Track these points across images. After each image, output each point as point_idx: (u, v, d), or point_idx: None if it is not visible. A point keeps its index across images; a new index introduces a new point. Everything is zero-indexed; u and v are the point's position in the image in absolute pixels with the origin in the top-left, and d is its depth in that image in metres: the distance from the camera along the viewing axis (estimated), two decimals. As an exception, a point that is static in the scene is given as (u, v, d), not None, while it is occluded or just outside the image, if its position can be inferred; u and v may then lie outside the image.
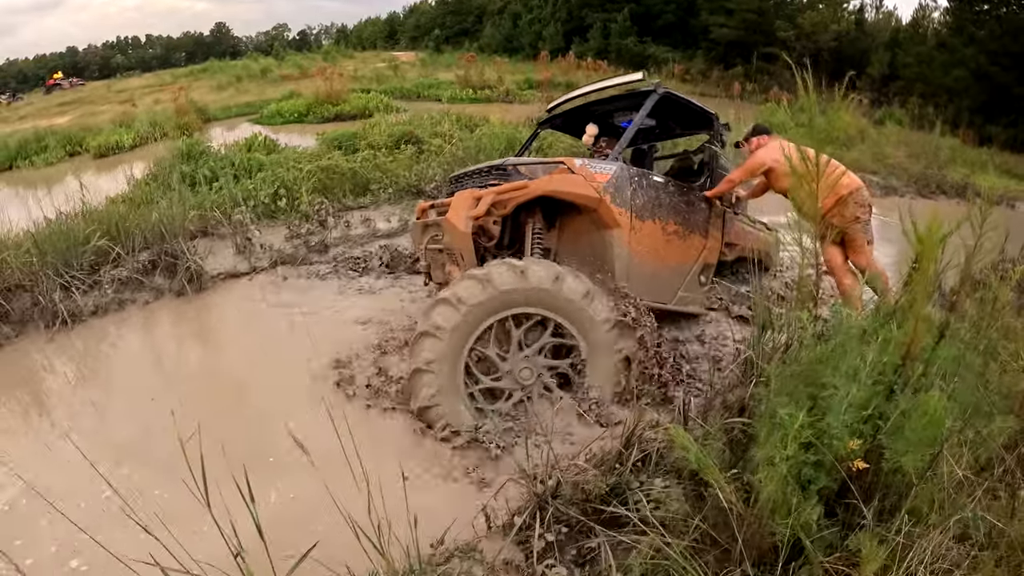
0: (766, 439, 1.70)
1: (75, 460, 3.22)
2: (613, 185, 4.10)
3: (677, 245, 4.54)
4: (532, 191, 3.92)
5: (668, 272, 4.50)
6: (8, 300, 4.97)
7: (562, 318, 3.56)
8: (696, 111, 5.09)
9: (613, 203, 4.07)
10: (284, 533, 2.01)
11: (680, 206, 4.58)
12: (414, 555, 1.87)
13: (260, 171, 7.68)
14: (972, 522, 1.82)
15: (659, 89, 4.63)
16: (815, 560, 1.68)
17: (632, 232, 4.19)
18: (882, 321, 1.93)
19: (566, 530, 2.20)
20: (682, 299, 4.63)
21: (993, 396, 2.02)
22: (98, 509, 2.94)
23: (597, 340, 3.58)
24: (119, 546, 1.83)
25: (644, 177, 4.38)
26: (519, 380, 3.60)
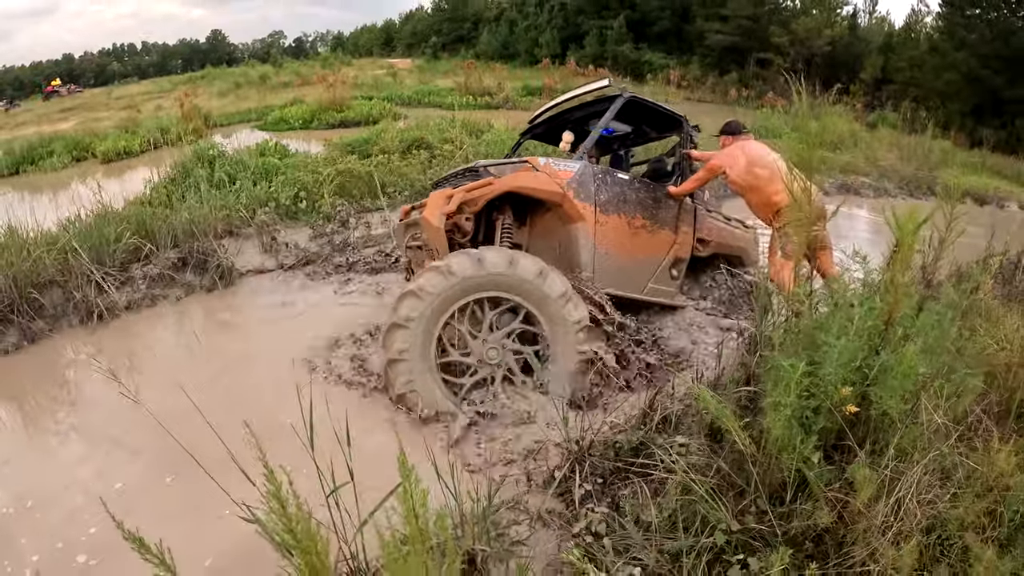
0: (772, 388, 2.02)
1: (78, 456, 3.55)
2: (576, 181, 4.39)
3: (645, 239, 4.79)
4: (498, 187, 4.24)
5: (637, 265, 4.74)
6: (42, 295, 5.19)
7: (520, 297, 3.81)
8: (665, 114, 5.36)
9: (576, 198, 4.36)
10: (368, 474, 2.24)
11: (647, 202, 4.82)
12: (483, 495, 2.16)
13: (277, 174, 7.96)
14: (951, 463, 2.14)
15: (624, 93, 4.90)
16: (818, 490, 1.99)
17: (597, 225, 4.46)
18: (868, 293, 2.25)
19: (600, 481, 2.51)
20: (653, 291, 4.87)
21: (966, 359, 2.34)
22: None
23: (554, 314, 3.83)
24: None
25: (608, 174, 4.65)
26: (486, 359, 3.83)
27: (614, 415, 2.82)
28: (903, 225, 2.25)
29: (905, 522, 1.98)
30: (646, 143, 6.57)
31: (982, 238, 5.76)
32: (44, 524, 2.98)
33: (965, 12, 24.32)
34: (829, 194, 10.46)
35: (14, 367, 4.70)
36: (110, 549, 2.70)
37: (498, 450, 3.19)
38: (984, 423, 2.50)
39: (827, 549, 2.02)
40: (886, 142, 15.03)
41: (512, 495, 2.53)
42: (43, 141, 14.69)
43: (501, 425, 3.51)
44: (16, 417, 4.12)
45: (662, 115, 5.39)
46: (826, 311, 2.37)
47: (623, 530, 2.11)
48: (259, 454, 1.45)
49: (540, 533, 2.27)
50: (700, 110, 17.49)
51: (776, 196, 4.54)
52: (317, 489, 1.89)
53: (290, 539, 1.27)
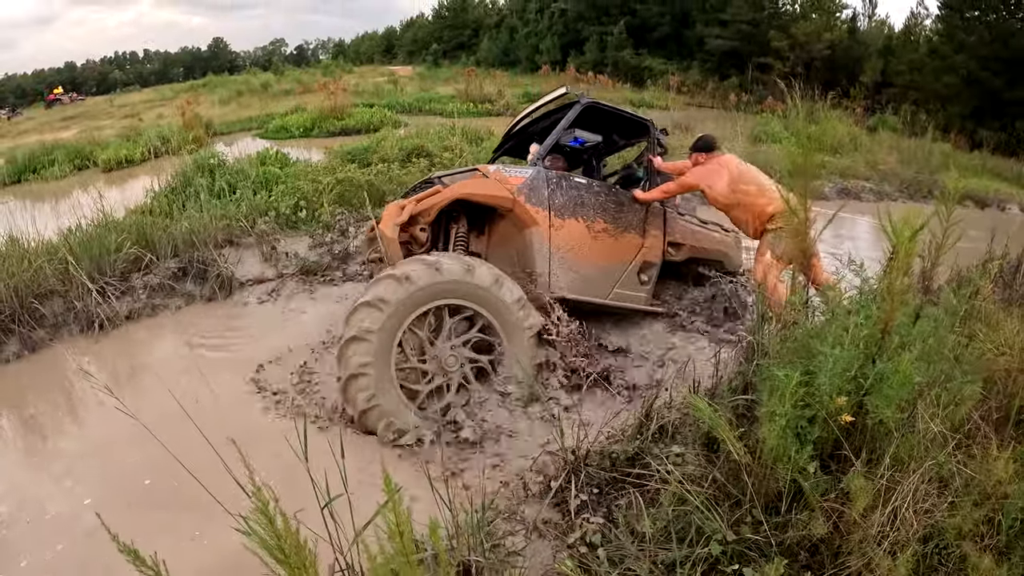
0: (767, 398, 2.01)
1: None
2: (528, 186, 4.40)
3: (608, 243, 4.76)
4: (446, 196, 4.28)
5: (599, 270, 4.71)
6: (42, 305, 5.20)
7: (477, 305, 3.82)
8: (630, 120, 5.34)
9: (528, 202, 4.37)
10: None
11: (608, 206, 4.78)
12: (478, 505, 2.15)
13: (277, 184, 7.98)
14: (948, 471, 2.13)
15: (582, 99, 4.87)
16: (814, 500, 1.99)
17: (552, 229, 4.46)
18: (864, 301, 2.24)
19: (596, 491, 2.50)
20: (620, 296, 4.82)
21: (964, 366, 2.33)
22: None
23: (509, 321, 3.86)
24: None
25: (564, 179, 4.63)
26: (444, 367, 3.81)
27: (610, 425, 2.81)
28: (899, 231, 2.25)
29: (901, 531, 1.97)
30: (617, 151, 6.51)
31: (983, 241, 5.75)
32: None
33: (964, 14, 24.33)
34: (829, 198, 10.46)
35: (14, 376, 4.72)
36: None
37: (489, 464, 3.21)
38: (983, 430, 2.50)
39: (823, 559, 2.01)
40: (886, 145, 15.01)
41: (508, 505, 2.53)
42: (45, 150, 14.67)
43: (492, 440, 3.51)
44: (14, 426, 4.14)
45: (628, 121, 5.37)
46: (822, 320, 2.37)
47: (618, 541, 2.11)
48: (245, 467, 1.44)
49: (536, 544, 2.26)
50: (701, 115, 17.54)
51: (769, 207, 4.49)
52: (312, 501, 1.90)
53: (278, 552, 1.27)
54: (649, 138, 5.32)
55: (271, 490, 1.31)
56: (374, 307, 3.56)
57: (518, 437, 3.48)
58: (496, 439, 3.51)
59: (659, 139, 5.36)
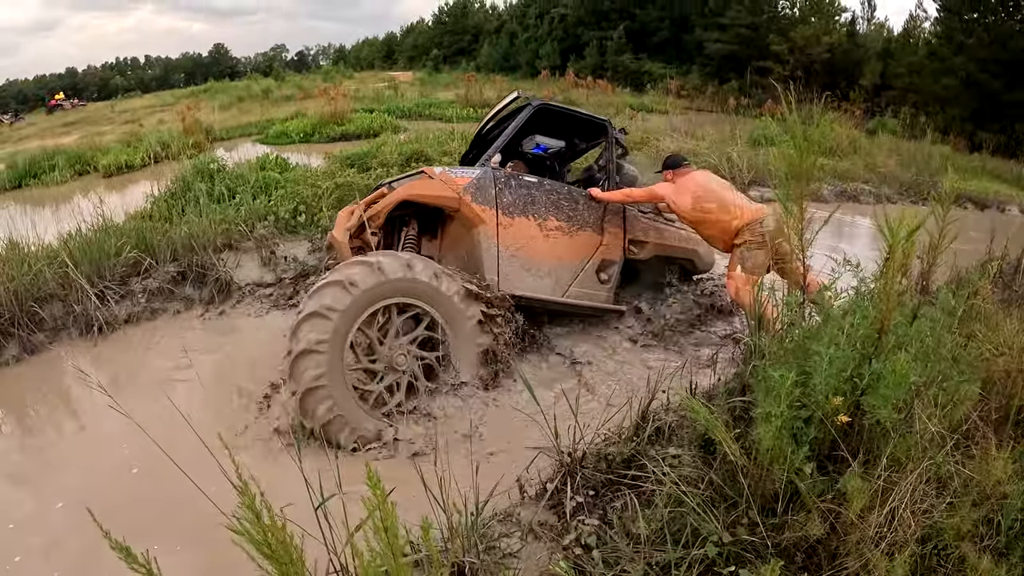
0: (763, 399, 2.01)
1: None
2: (474, 186, 4.40)
3: (563, 241, 4.75)
4: (392, 199, 4.30)
5: (553, 268, 4.70)
6: (42, 308, 5.22)
7: (420, 300, 3.83)
8: (588, 121, 5.30)
9: (474, 201, 4.37)
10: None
11: (561, 204, 4.77)
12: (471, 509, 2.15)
13: (277, 188, 7.98)
14: (946, 471, 2.12)
15: (534, 102, 4.87)
16: (810, 501, 1.98)
17: (500, 228, 4.46)
18: (860, 301, 2.24)
19: (592, 493, 2.49)
20: (578, 295, 4.80)
21: (961, 366, 2.33)
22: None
23: (451, 313, 3.90)
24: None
25: (513, 178, 4.62)
26: (394, 365, 3.81)
27: (607, 427, 2.81)
28: (895, 231, 2.24)
29: (899, 532, 1.96)
30: (581, 155, 6.43)
31: (983, 242, 5.75)
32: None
33: (963, 16, 24.30)
34: (828, 201, 10.46)
35: (14, 379, 4.74)
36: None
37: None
38: (982, 430, 2.49)
39: (820, 561, 2.00)
40: (886, 148, 14.99)
41: (505, 507, 2.52)
42: (46, 155, 14.63)
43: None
44: (12, 428, 4.17)
45: (585, 122, 5.33)
46: (818, 321, 2.37)
47: (613, 542, 2.11)
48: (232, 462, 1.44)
49: (532, 545, 2.26)
50: (700, 119, 17.54)
51: (734, 222, 4.57)
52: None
53: (265, 548, 1.26)
54: (607, 138, 5.26)
55: (257, 485, 1.30)
56: (322, 316, 3.52)
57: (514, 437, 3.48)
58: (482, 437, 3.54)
59: (618, 139, 5.31)
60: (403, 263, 3.78)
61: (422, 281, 3.80)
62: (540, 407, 2.42)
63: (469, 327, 3.96)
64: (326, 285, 3.62)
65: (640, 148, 12.19)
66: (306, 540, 1.70)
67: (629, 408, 2.77)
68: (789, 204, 2.52)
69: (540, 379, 4.40)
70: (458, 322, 3.94)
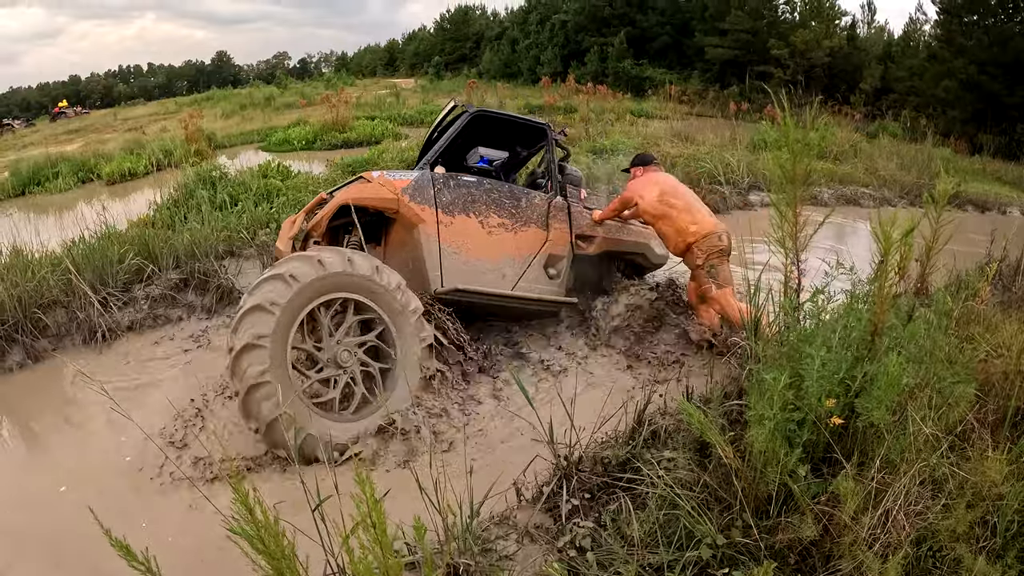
0: (756, 402, 2.02)
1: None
2: (412, 187, 4.43)
3: (507, 238, 4.77)
4: (331, 205, 4.33)
5: (498, 264, 4.72)
6: (46, 315, 5.25)
7: (362, 296, 3.82)
8: (525, 125, 5.30)
9: (413, 201, 4.39)
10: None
11: (503, 201, 4.80)
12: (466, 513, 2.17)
13: (279, 196, 8.02)
14: (941, 473, 2.13)
15: (470, 108, 4.88)
16: (804, 503, 1.99)
17: (441, 226, 4.48)
18: (854, 303, 2.25)
19: (588, 496, 2.51)
20: (528, 289, 4.81)
21: (957, 368, 2.34)
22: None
23: (392, 306, 3.89)
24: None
25: (452, 178, 4.65)
26: (339, 362, 3.78)
27: (602, 430, 2.82)
28: (887, 234, 2.26)
29: (893, 534, 1.97)
30: (524, 163, 6.36)
31: (983, 245, 5.76)
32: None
33: (963, 19, 24.29)
34: (828, 204, 10.47)
35: (17, 385, 4.78)
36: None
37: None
38: (978, 432, 2.50)
39: (814, 563, 2.01)
40: (886, 151, 15.00)
41: (502, 510, 2.53)
42: (49, 162, 14.68)
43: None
44: (13, 435, 4.22)
45: (524, 127, 5.33)
46: (811, 323, 2.38)
47: (608, 544, 2.12)
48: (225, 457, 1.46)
49: (528, 548, 2.27)
50: (700, 124, 17.54)
51: (692, 227, 4.69)
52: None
53: (258, 543, 1.28)
54: (548, 141, 5.23)
55: (251, 480, 1.32)
56: (264, 310, 3.44)
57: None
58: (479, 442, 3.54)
59: (558, 141, 5.30)
60: (344, 258, 3.78)
61: (362, 275, 3.80)
62: (535, 409, 2.43)
63: (412, 321, 3.96)
64: (267, 279, 3.58)
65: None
66: (306, 543, 1.72)
67: (624, 412, 2.78)
68: (784, 208, 2.53)
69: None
70: (400, 316, 3.93)
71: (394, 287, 3.91)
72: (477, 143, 5.41)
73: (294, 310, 3.53)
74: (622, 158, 11.40)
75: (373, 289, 3.85)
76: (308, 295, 3.60)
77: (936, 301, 2.71)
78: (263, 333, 3.38)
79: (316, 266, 3.64)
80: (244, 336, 3.37)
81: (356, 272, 3.78)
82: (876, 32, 33.40)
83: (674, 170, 10.89)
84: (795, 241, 2.56)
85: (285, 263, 3.68)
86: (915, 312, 2.41)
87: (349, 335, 3.87)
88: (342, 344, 3.80)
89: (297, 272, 3.58)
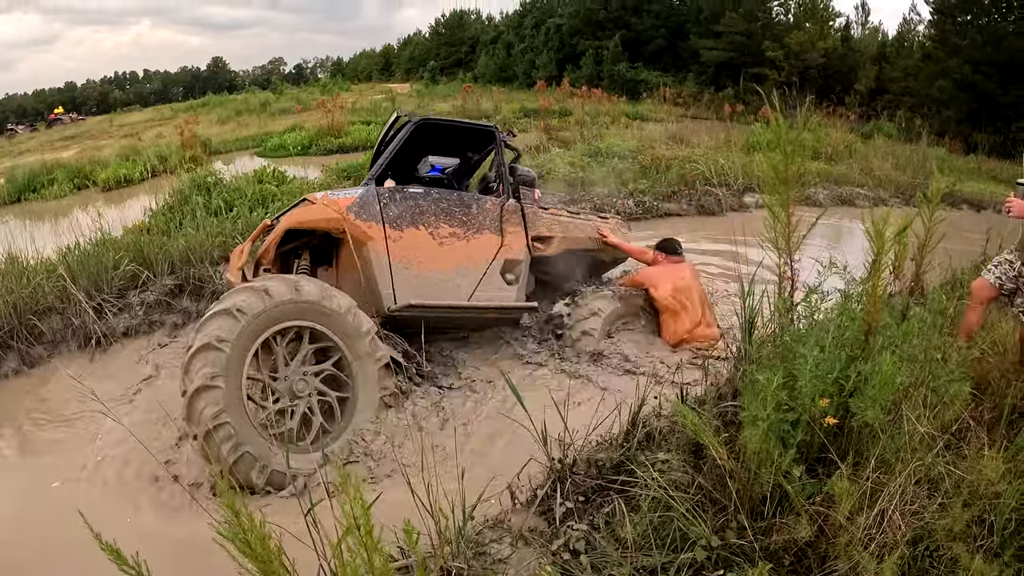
0: (750, 403, 2.02)
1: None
2: (357, 205, 4.31)
3: (459, 247, 4.65)
4: (277, 231, 4.25)
5: (452, 274, 4.60)
6: (41, 322, 5.25)
7: (312, 322, 3.71)
8: (472, 129, 5.27)
9: (359, 219, 4.27)
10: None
11: (453, 210, 4.67)
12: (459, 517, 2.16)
13: (274, 201, 8.01)
14: (937, 472, 2.13)
15: (413, 118, 4.74)
16: (799, 504, 1.98)
17: (390, 241, 4.37)
18: (848, 302, 2.25)
19: (583, 499, 2.50)
20: (486, 297, 4.69)
21: (951, 366, 2.33)
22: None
23: (344, 329, 3.79)
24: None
25: (398, 191, 4.53)
26: (295, 392, 3.66)
27: (597, 432, 2.81)
28: (879, 233, 2.26)
29: (888, 534, 1.96)
30: (476, 168, 6.25)
31: (979, 244, 5.76)
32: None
33: (956, 19, 24.40)
34: (823, 205, 10.50)
35: (12, 391, 4.78)
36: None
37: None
38: (974, 430, 2.49)
39: (809, 564, 2.01)
40: (881, 151, 15.03)
41: (496, 514, 2.52)
42: (45, 169, 14.71)
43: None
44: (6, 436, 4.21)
45: (472, 132, 5.28)
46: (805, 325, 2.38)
47: (602, 547, 2.11)
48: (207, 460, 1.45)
49: (522, 551, 2.26)
50: (695, 126, 17.59)
51: (696, 329, 4.90)
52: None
53: (243, 545, 1.28)
54: (496, 144, 5.14)
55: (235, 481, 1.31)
56: (214, 348, 3.32)
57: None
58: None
59: (506, 142, 5.21)
60: (291, 285, 3.67)
61: (311, 301, 3.69)
62: (527, 411, 2.42)
63: (366, 343, 3.87)
64: (213, 315, 3.46)
65: (635, 156, 12.20)
66: (300, 549, 1.71)
67: (618, 414, 2.77)
68: (776, 209, 2.53)
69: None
70: (354, 339, 3.83)
71: (344, 310, 3.80)
72: (427, 152, 5.25)
73: (244, 345, 3.43)
74: (617, 160, 11.43)
75: (323, 314, 3.73)
76: (257, 328, 3.49)
77: (931, 299, 2.71)
78: (215, 373, 3.27)
79: (263, 297, 3.53)
80: (196, 378, 3.26)
81: (304, 299, 3.67)
82: (870, 33, 33.50)
83: (669, 172, 10.94)
84: (788, 242, 2.55)
85: (231, 296, 3.57)
86: (909, 311, 2.41)
87: (305, 364, 3.75)
88: (297, 374, 3.69)
89: (244, 305, 3.46)
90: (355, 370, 3.84)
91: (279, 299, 3.57)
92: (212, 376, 3.24)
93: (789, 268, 2.72)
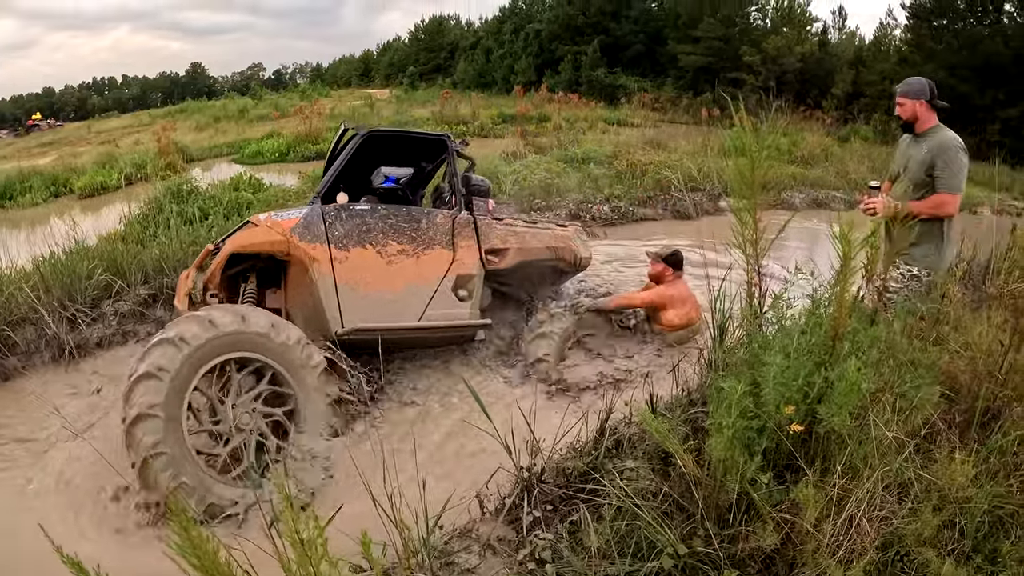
0: (715, 410, 2.00)
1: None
2: (302, 226, 4.24)
3: (408, 265, 4.52)
4: (221, 256, 4.20)
5: (401, 293, 4.48)
6: (14, 332, 5.18)
7: (260, 354, 3.63)
8: (424, 139, 5.20)
9: (303, 241, 4.19)
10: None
11: (401, 226, 4.55)
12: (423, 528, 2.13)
13: (250, 209, 7.96)
14: (907, 477, 2.13)
15: (361, 130, 4.65)
16: (765, 511, 1.97)
17: (335, 263, 4.26)
18: (815, 308, 2.25)
19: (550, 508, 2.48)
20: (435, 316, 4.57)
21: (920, 370, 2.33)
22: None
23: (294, 362, 3.71)
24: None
25: (343, 209, 4.43)
26: (239, 425, 3.57)
27: (565, 440, 2.79)
28: (845, 236, 2.26)
29: (856, 540, 1.96)
30: (430, 178, 6.13)
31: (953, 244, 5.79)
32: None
33: (932, 23, 24.71)
34: (798, 208, 10.57)
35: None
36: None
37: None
38: (944, 434, 2.50)
39: (777, 571, 2.00)
40: (857, 155, 15.19)
41: (464, 523, 2.50)
42: (21, 176, 14.55)
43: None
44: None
45: (424, 141, 5.21)
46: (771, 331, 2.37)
47: (568, 556, 2.09)
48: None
49: (490, 560, 2.23)
50: (672, 131, 17.68)
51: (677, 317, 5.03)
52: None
53: (193, 559, 1.26)
54: (448, 153, 5.01)
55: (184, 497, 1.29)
56: (154, 377, 3.26)
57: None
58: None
59: (459, 151, 5.12)
60: (237, 315, 3.59)
61: (258, 332, 3.61)
62: (490, 419, 2.39)
63: (315, 376, 3.79)
64: (156, 344, 3.39)
65: (611, 161, 12.24)
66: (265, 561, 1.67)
67: (585, 422, 2.75)
68: (743, 214, 2.53)
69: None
70: (302, 371, 3.75)
71: (293, 342, 3.71)
72: (381, 163, 5.18)
73: (186, 375, 3.35)
74: (593, 166, 11.43)
75: (269, 347, 3.64)
76: (200, 358, 3.41)
77: (898, 303, 2.71)
78: (154, 402, 3.21)
79: (207, 327, 3.46)
80: (136, 407, 3.20)
81: (250, 330, 3.59)
82: (847, 37, 33.77)
83: (644, 177, 10.97)
84: (755, 247, 2.55)
85: (174, 325, 3.49)
86: (878, 315, 2.41)
87: (241, 395, 3.66)
88: (238, 406, 3.60)
89: (187, 334, 3.39)
90: (302, 404, 3.75)
91: (224, 330, 3.49)
92: (151, 405, 3.19)
93: (756, 274, 2.71)
